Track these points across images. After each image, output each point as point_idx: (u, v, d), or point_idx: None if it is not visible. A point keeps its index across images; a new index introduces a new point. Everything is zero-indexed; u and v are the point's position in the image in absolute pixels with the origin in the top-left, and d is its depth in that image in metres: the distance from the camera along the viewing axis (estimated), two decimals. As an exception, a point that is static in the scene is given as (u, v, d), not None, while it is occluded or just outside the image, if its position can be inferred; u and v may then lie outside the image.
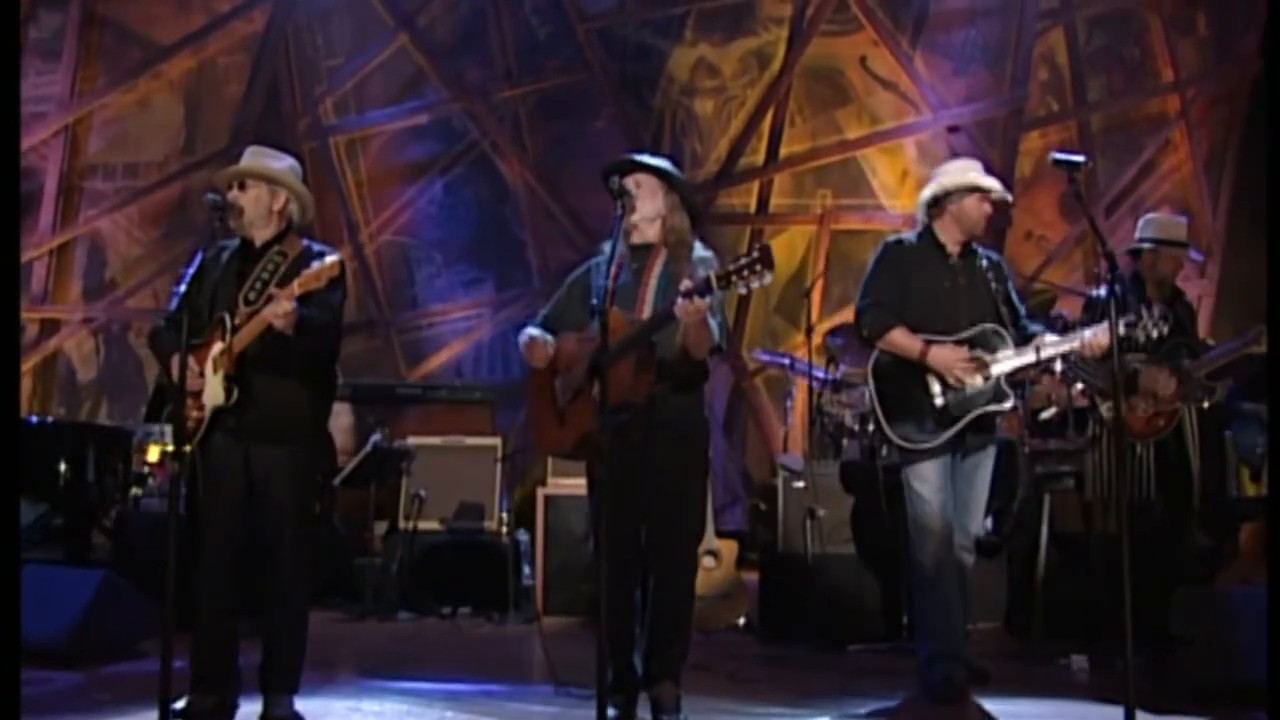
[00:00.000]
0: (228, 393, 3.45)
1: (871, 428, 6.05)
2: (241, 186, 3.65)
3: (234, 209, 3.62)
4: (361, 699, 3.94)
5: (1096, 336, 3.94)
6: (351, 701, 3.91)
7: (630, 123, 9.12)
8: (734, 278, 3.11)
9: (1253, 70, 8.76)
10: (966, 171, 4.19)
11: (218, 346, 3.47)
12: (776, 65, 9.08)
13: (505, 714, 3.76)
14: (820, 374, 6.29)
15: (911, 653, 4.89)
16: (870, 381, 4.17)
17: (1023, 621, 5.27)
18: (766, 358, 7.32)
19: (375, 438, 6.10)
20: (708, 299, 3.19)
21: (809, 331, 6.42)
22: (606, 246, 3.79)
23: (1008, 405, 4.04)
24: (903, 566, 5.10)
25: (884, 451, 5.92)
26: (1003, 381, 4.02)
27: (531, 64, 9.28)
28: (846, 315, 8.40)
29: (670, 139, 9.15)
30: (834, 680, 4.39)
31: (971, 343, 4.06)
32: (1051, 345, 4.03)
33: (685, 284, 3.20)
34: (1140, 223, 5.04)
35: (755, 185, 9.00)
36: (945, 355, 4.00)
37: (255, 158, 3.74)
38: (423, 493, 6.20)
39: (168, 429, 6.48)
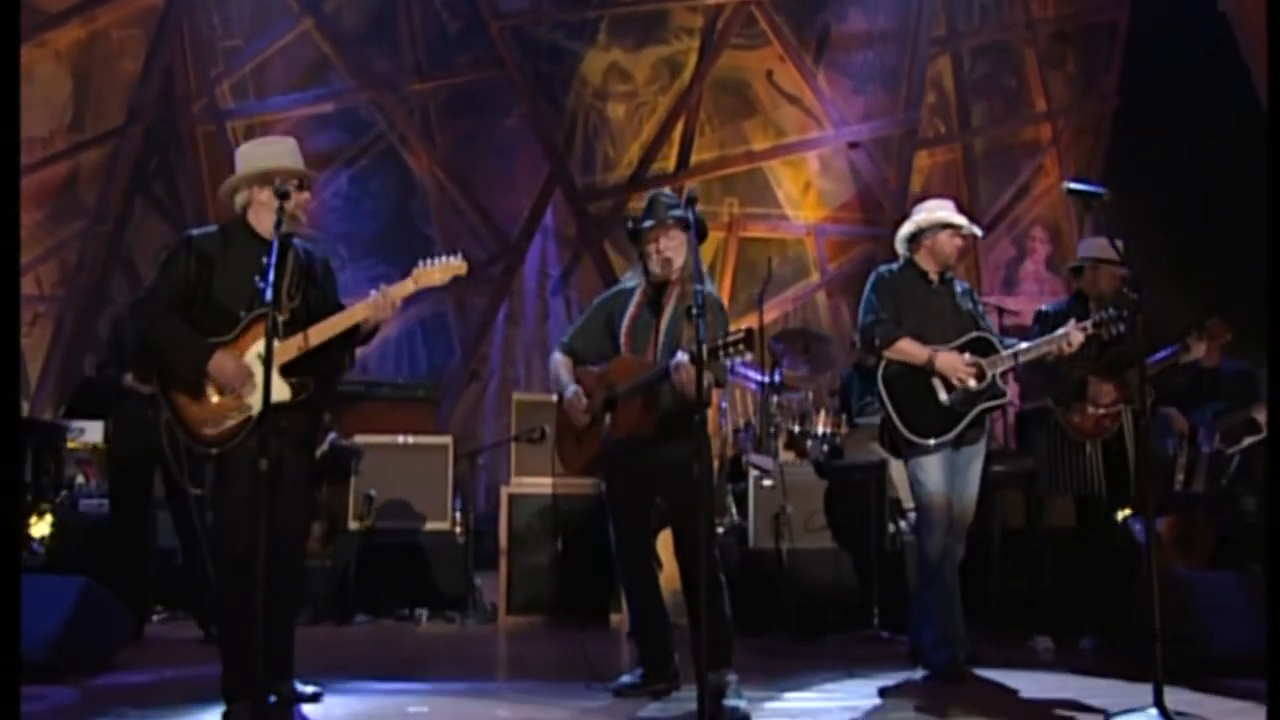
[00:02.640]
0: (297, 389, 3.37)
1: (818, 429, 6.39)
2: (301, 186, 3.55)
3: (295, 203, 3.51)
4: (398, 699, 3.87)
5: (1071, 336, 4.42)
6: (391, 701, 3.84)
7: (543, 123, 9.15)
8: (720, 353, 3.53)
9: (1112, 105, 9.66)
10: (939, 210, 4.60)
11: (278, 343, 3.34)
12: (687, 74, 9.33)
13: (557, 709, 3.78)
14: (764, 377, 6.55)
15: (882, 640, 5.24)
16: (881, 387, 4.45)
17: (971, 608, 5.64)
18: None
19: (331, 436, 5.91)
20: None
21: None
22: (629, 276, 4.10)
23: (1004, 401, 4.43)
24: (873, 559, 5.45)
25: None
26: (998, 380, 4.41)
27: (441, 58, 9.18)
28: (753, 319, 8.75)
29: (583, 141, 9.25)
30: (834, 665, 4.60)
31: (967, 349, 4.43)
32: (1034, 346, 4.48)
33: (679, 357, 3.64)
34: (1080, 245, 5.53)
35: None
36: (950, 360, 4.36)
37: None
38: (373, 492, 6.07)
39: (89, 426, 6.11)
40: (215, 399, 3.35)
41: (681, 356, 3.63)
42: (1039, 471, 5.27)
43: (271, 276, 3.17)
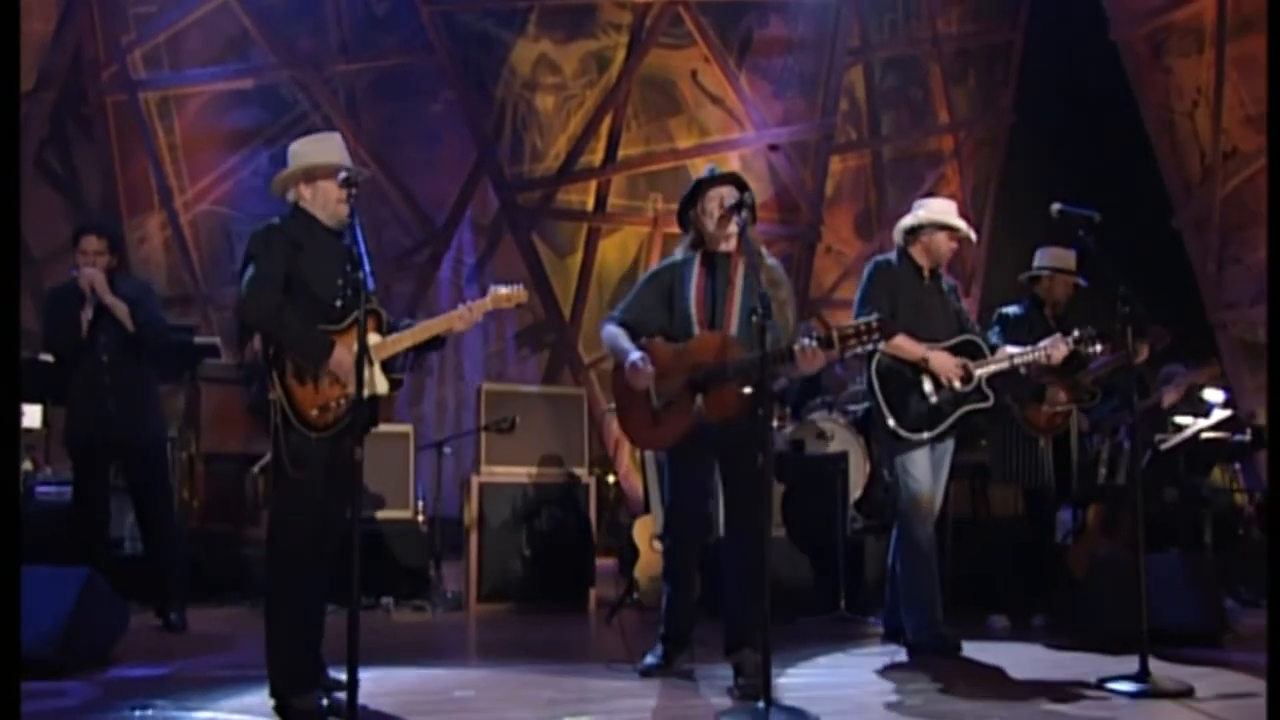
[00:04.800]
0: (395, 383, 3.46)
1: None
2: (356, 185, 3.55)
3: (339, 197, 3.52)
4: (435, 683, 3.91)
5: (1055, 348, 4.73)
6: (427, 683, 3.88)
7: (471, 110, 9.10)
8: (852, 339, 3.57)
9: (1009, 120, 10.31)
10: (941, 211, 4.81)
11: (375, 337, 3.39)
12: (615, 70, 9.44)
13: (597, 689, 3.87)
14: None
15: (849, 621, 5.53)
16: (873, 380, 4.68)
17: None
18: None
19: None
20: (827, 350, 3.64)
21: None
22: (678, 252, 4.08)
23: (988, 404, 4.72)
24: (839, 545, 5.74)
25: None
26: (983, 383, 4.70)
27: (368, 39, 9.02)
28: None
29: (512, 131, 9.25)
30: (822, 644, 4.85)
31: (956, 350, 4.71)
32: (1020, 355, 4.76)
33: (804, 342, 3.62)
34: (1037, 254, 5.87)
35: (593, 184, 9.32)
36: (944, 361, 4.61)
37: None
38: (334, 481, 5.98)
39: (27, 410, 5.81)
40: (324, 385, 3.35)
41: (807, 341, 3.60)
42: (994, 462, 5.66)
43: (368, 265, 3.21)
